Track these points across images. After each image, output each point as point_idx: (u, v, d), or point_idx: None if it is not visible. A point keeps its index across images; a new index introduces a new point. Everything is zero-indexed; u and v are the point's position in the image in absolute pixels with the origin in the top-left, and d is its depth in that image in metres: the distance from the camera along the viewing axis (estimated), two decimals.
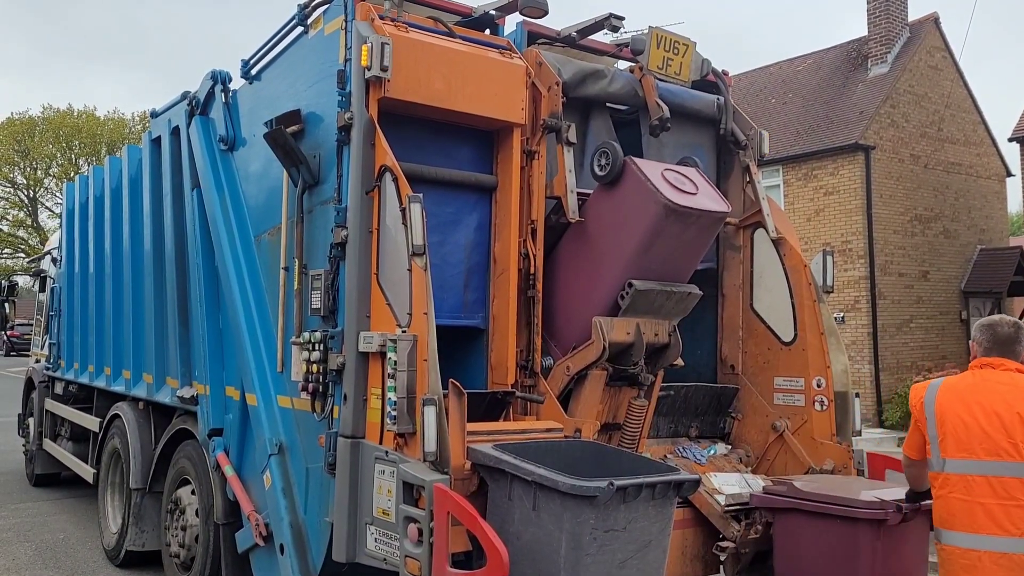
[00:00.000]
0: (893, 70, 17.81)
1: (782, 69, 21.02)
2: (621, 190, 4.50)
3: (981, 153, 19.62)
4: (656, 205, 4.32)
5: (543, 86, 4.64)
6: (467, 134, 4.61)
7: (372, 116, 4.11)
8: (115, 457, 7.31)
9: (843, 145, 16.59)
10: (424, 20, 4.47)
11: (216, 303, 5.56)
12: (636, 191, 4.41)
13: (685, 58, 5.18)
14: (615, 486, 3.26)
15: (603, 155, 4.57)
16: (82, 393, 8.92)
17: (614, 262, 4.50)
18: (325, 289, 4.23)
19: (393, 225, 3.94)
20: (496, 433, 3.92)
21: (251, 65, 5.48)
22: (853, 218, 16.57)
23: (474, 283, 4.60)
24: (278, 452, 4.66)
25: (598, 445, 4.11)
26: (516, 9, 4.68)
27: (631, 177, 4.45)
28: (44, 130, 47.06)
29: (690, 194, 4.45)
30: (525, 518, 3.44)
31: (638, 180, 4.41)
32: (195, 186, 5.82)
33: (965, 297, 18.55)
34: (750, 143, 5.45)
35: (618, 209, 4.50)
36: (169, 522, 5.93)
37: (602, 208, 4.60)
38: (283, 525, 4.47)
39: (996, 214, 20.00)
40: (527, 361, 4.54)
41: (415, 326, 3.73)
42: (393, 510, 3.63)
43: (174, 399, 6.11)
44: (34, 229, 47.74)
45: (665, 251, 4.49)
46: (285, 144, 4.47)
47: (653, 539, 3.50)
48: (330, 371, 4.12)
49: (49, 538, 7.90)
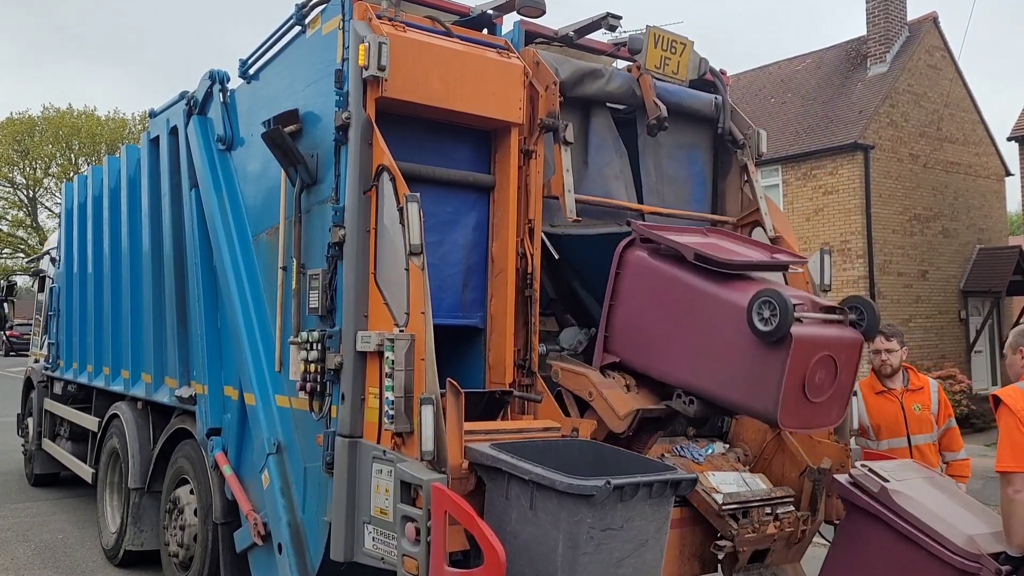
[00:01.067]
0: (892, 69, 17.82)
1: (781, 69, 21.03)
2: (775, 351, 3.85)
3: (980, 152, 19.63)
4: None
5: (541, 85, 4.64)
6: (465, 133, 4.61)
7: (370, 115, 4.11)
8: (114, 457, 7.32)
9: (842, 144, 16.60)
10: (422, 20, 4.47)
11: (214, 303, 5.57)
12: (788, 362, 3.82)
13: (683, 57, 5.18)
14: (612, 485, 3.26)
15: (767, 305, 3.85)
16: (81, 393, 8.93)
17: (709, 365, 4.14)
18: (323, 288, 4.23)
19: (391, 225, 3.94)
20: (493, 432, 3.92)
21: (249, 65, 5.49)
22: (852, 217, 16.58)
23: (472, 283, 4.60)
24: (276, 451, 4.66)
25: (595, 444, 4.11)
26: (514, 8, 4.68)
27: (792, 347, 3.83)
28: (44, 130, 47.05)
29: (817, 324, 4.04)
30: (522, 517, 3.45)
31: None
32: (193, 186, 5.82)
33: (964, 296, 18.56)
34: (748, 142, 5.46)
35: (761, 360, 3.91)
36: (168, 522, 5.94)
37: (743, 333, 3.93)
38: (281, 524, 4.47)
39: (995, 213, 20.01)
40: (525, 360, 4.54)
41: (413, 325, 3.73)
42: (391, 509, 3.63)
43: (172, 399, 6.12)
44: (33, 229, 47.74)
45: None
46: (283, 144, 4.47)
47: (650, 538, 3.51)
48: (328, 370, 4.12)
49: (48, 538, 7.91)
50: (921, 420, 5.21)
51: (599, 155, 5.05)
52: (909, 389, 5.25)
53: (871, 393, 5.30)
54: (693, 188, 5.51)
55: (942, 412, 5.28)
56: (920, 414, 5.22)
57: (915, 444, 5.17)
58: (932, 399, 5.26)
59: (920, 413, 5.22)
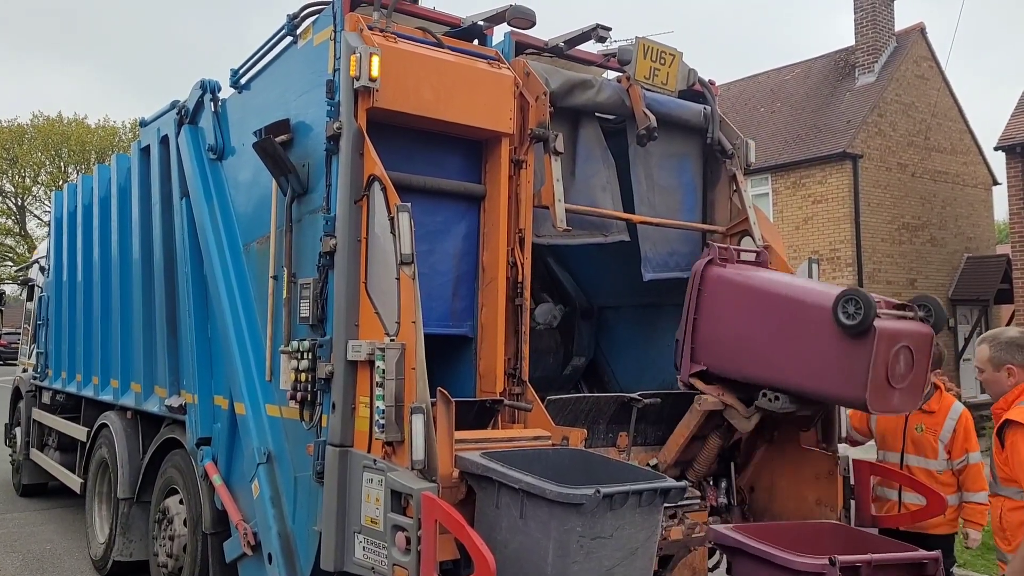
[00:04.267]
0: (880, 79, 17.98)
1: (770, 78, 21.18)
2: (861, 343, 4.20)
3: (968, 162, 19.80)
4: None
5: (531, 96, 4.67)
6: (455, 143, 4.63)
7: (361, 126, 4.12)
8: (103, 467, 7.29)
9: (831, 154, 16.73)
10: (413, 31, 4.49)
11: (205, 312, 5.56)
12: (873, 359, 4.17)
13: (672, 68, 5.22)
14: (602, 493, 3.28)
15: (851, 303, 4.22)
16: (70, 403, 8.88)
17: (797, 362, 4.47)
18: (314, 298, 4.24)
19: (382, 234, 3.95)
20: (484, 441, 3.93)
21: (240, 75, 5.49)
22: (841, 226, 16.69)
23: (462, 292, 4.62)
24: (266, 461, 4.66)
25: (585, 453, 4.12)
26: (504, 20, 4.70)
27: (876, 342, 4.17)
28: (33, 137, 46.87)
29: None
30: (512, 526, 3.46)
31: None
32: (184, 195, 5.82)
33: (953, 305, 18.69)
34: (736, 152, 5.50)
35: (846, 353, 4.25)
36: (157, 532, 5.91)
37: (832, 337, 4.29)
38: (271, 534, 4.46)
39: (983, 222, 20.17)
40: (515, 369, 4.56)
41: (403, 335, 3.74)
42: (381, 519, 3.63)
43: (162, 408, 6.10)
44: (22, 237, 47.50)
45: None
46: (274, 153, 4.48)
47: (640, 546, 3.52)
48: (319, 380, 4.12)
49: (36, 549, 7.86)
50: (920, 442, 5.04)
51: (586, 166, 5.08)
52: (921, 408, 4.94)
53: None
54: (683, 197, 5.55)
55: (958, 444, 4.98)
56: (921, 436, 5.03)
57: (908, 464, 5.06)
58: (946, 427, 4.99)
59: (921, 435, 5.03)
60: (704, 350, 4.94)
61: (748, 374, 4.77)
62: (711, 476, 5.19)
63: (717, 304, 4.92)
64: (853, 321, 4.19)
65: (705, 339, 4.93)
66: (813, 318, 4.42)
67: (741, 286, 4.85)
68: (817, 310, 4.40)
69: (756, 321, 4.71)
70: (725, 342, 4.86)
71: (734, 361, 4.82)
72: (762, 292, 4.75)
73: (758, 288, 4.79)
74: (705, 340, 4.93)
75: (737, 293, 4.85)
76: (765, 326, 4.65)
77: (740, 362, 4.79)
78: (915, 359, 4.36)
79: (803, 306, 4.53)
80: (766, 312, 4.68)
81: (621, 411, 4.89)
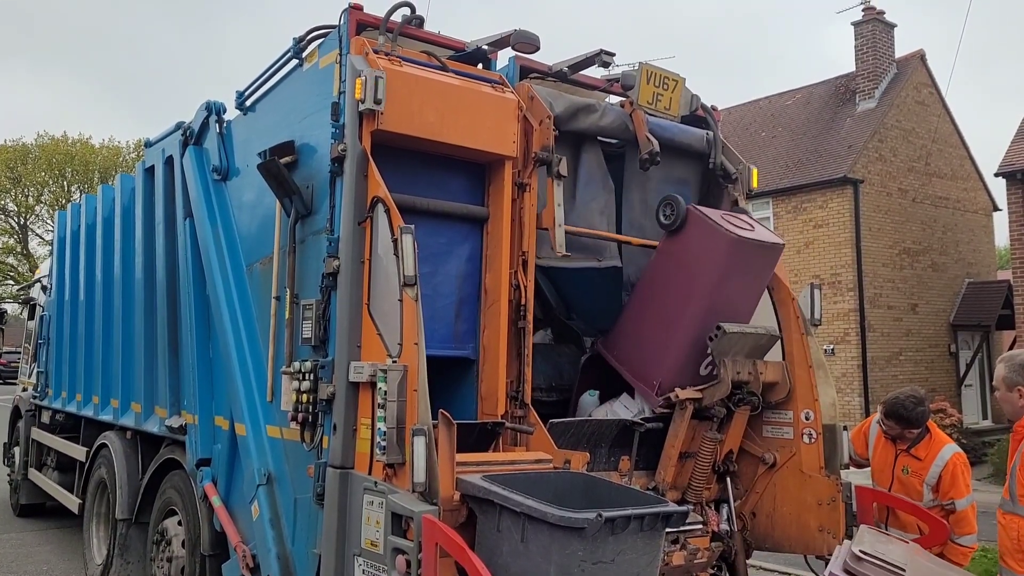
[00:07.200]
0: (880, 105, 18.08)
1: (771, 103, 21.30)
2: (688, 235, 4.88)
3: (968, 188, 19.86)
4: (724, 241, 4.70)
5: (535, 119, 4.70)
6: (459, 166, 4.65)
7: (365, 148, 4.15)
8: (101, 487, 7.25)
9: (832, 179, 16.79)
10: (418, 54, 4.53)
11: (207, 332, 5.55)
12: (704, 233, 4.80)
13: (675, 93, 5.25)
14: (604, 518, 3.26)
15: (668, 206, 4.97)
16: (69, 422, 8.85)
17: (688, 303, 4.82)
18: (316, 319, 4.24)
19: (385, 256, 3.97)
20: (485, 464, 3.91)
21: (245, 96, 5.54)
22: (842, 251, 16.71)
23: (465, 313, 4.62)
24: (266, 482, 4.63)
25: (587, 476, 4.10)
26: (508, 44, 4.75)
27: (697, 222, 4.85)
28: (37, 157, 47.05)
29: (749, 230, 4.86)
30: (514, 550, 3.43)
31: (704, 223, 4.81)
32: (188, 215, 5.84)
33: (954, 330, 18.67)
34: (739, 177, 5.52)
35: (687, 252, 4.87)
36: (155, 553, 5.87)
37: (671, 254, 4.98)
38: (270, 556, 4.43)
39: (983, 248, 20.19)
40: (517, 392, 4.55)
41: (405, 356, 3.74)
42: (382, 541, 3.61)
43: (162, 428, 6.08)
44: (24, 256, 47.54)
45: (733, 288, 4.87)
46: (278, 175, 4.50)
47: (642, 571, 3.49)
48: (320, 401, 4.12)
49: (33, 569, 7.80)
50: (905, 483, 5.03)
51: (587, 190, 5.11)
52: (909, 452, 5.01)
53: (882, 433, 5.18)
54: None
55: (943, 490, 4.92)
56: (906, 478, 5.02)
57: None
58: (931, 472, 4.94)
59: (906, 477, 5.02)
60: (642, 365, 5.02)
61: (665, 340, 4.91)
62: (712, 501, 5.17)
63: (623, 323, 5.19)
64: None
65: (629, 355, 5.08)
66: None
67: None
68: None
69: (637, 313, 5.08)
70: (637, 341, 5.06)
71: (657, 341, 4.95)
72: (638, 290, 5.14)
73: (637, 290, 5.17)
74: (630, 355, 5.08)
75: None
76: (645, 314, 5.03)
77: (659, 337, 4.92)
78: None
79: None
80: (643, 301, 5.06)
81: (623, 435, 4.88)
